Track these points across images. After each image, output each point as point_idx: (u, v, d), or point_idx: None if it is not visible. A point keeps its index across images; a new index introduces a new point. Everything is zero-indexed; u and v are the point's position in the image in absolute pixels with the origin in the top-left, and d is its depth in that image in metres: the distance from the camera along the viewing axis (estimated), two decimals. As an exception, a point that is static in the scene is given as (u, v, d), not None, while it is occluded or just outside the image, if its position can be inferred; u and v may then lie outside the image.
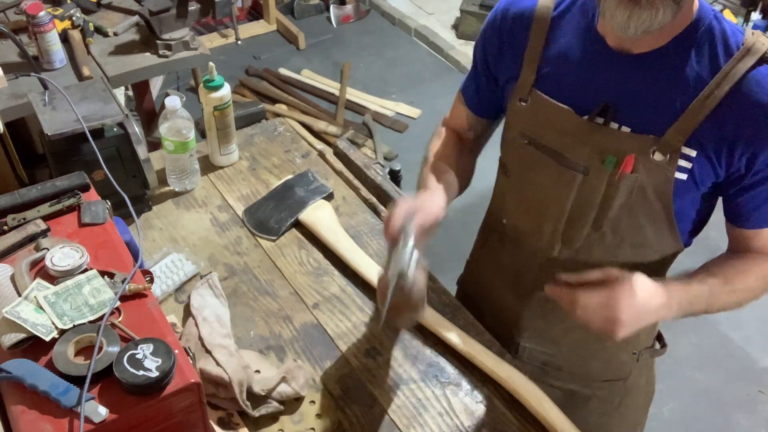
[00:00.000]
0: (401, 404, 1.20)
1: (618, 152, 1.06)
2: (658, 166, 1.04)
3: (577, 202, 1.13)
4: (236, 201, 1.57)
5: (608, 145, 1.07)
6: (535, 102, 1.13)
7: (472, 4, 4.27)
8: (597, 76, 1.07)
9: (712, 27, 1.01)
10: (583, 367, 1.35)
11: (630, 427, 1.48)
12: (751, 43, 0.99)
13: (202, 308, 1.28)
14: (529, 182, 1.20)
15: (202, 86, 1.54)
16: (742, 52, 0.99)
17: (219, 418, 1.14)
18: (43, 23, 1.99)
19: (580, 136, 1.09)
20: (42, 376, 0.82)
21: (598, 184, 1.10)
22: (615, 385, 1.36)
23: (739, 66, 0.98)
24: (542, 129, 1.14)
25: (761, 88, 0.98)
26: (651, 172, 1.05)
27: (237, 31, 4.19)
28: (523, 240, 1.26)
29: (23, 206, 1.04)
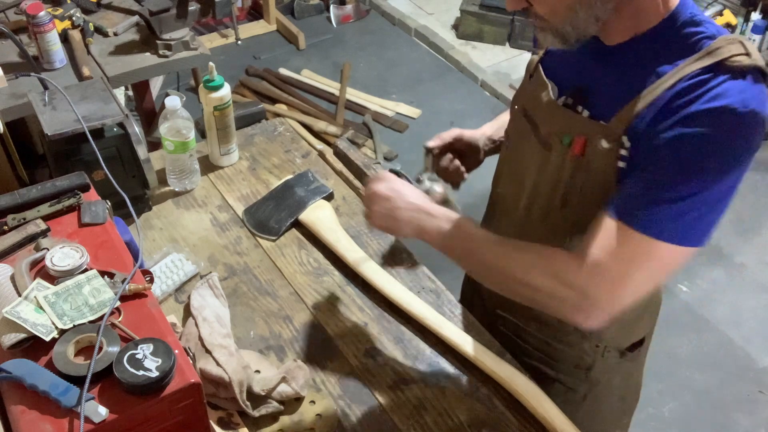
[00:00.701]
0: (401, 404, 1.21)
1: (572, 133, 1.09)
2: (604, 154, 1.05)
3: (540, 176, 1.18)
4: (236, 201, 1.57)
5: (567, 126, 1.11)
6: (536, 77, 1.18)
7: (472, 4, 4.27)
8: (582, 60, 1.11)
9: (683, 26, 1.00)
10: (547, 346, 1.35)
11: (604, 426, 1.46)
12: (715, 47, 0.97)
13: (202, 308, 1.28)
14: (517, 152, 1.26)
15: (202, 86, 1.54)
16: (701, 54, 0.97)
17: (219, 418, 1.14)
18: (43, 23, 1.99)
19: (548, 113, 1.14)
20: (42, 376, 0.82)
21: (556, 161, 1.13)
22: (578, 374, 1.35)
23: (692, 65, 0.97)
24: (532, 102, 1.19)
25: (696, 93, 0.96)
26: (598, 158, 1.07)
27: (237, 31, 4.19)
28: (506, 208, 1.31)
29: (23, 206, 1.04)
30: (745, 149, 0.96)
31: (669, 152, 0.97)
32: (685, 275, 2.95)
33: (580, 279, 1.01)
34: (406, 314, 1.32)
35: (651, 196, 0.98)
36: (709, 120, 0.94)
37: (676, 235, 0.98)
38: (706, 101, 0.95)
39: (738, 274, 2.99)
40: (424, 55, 4.29)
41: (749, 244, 3.10)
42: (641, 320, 1.33)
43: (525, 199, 1.23)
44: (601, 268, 1.00)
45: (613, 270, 1.00)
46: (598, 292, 1.01)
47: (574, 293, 1.02)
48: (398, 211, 1.16)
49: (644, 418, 2.46)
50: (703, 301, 2.86)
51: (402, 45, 4.38)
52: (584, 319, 1.03)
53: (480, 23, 4.26)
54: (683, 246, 0.99)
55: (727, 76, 0.95)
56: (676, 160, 0.97)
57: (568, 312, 1.05)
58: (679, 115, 0.96)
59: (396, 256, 1.46)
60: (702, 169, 0.96)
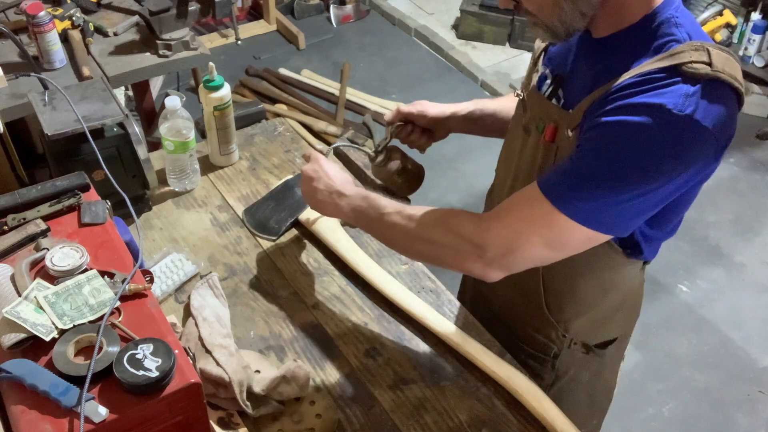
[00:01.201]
0: (401, 404, 1.21)
1: (546, 120, 1.12)
2: (570, 142, 1.07)
3: (520, 161, 1.21)
4: (236, 201, 1.57)
5: (541, 113, 1.14)
6: (536, 63, 1.21)
7: (472, 4, 4.27)
8: (567, 51, 1.13)
9: (659, 27, 1.00)
10: (515, 328, 1.36)
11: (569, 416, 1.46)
12: (677, 51, 0.96)
13: (202, 308, 1.28)
14: (510, 136, 1.29)
15: (202, 86, 1.54)
16: (664, 55, 0.97)
17: (219, 418, 1.14)
18: (43, 23, 1.99)
19: (531, 100, 1.17)
20: (42, 376, 0.82)
21: (532, 146, 1.17)
22: (545, 362, 1.36)
23: (651, 64, 0.97)
24: (526, 87, 1.21)
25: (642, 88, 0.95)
26: (564, 145, 1.09)
27: (237, 31, 4.19)
28: (497, 189, 1.35)
29: (23, 206, 1.04)
30: (672, 156, 0.95)
31: (594, 135, 0.99)
32: (685, 275, 2.95)
33: (475, 231, 1.07)
34: (406, 314, 1.32)
35: (567, 171, 1.01)
36: (640, 112, 0.94)
37: (577, 213, 1.00)
38: (645, 96, 0.95)
39: (738, 274, 2.99)
40: (424, 55, 4.29)
41: (749, 244, 3.10)
42: (613, 319, 1.33)
43: (510, 181, 1.26)
44: (496, 222, 1.07)
45: (508, 225, 1.06)
46: (491, 243, 1.06)
47: (469, 244, 1.08)
48: (318, 192, 1.26)
49: (644, 418, 2.46)
50: (703, 301, 2.86)
51: (402, 45, 4.38)
52: (479, 270, 1.09)
53: (480, 23, 4.26)
54: (582, 226, 1.01)
55: (679, 79, 0.94)
56: (596, 144, 0.99)
57: (465, 263, 1.10)
58: (615, 103, 0.97)
59: (394, 257, 1.46)
60: (617, 159, 0.96)
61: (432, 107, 1.42)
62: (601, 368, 1.40)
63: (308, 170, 1.30)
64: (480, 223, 1.08)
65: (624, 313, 1.35)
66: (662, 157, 0.95)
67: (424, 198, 3.08)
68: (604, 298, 1.27)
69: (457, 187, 3.16)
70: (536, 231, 1.04)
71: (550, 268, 1.19)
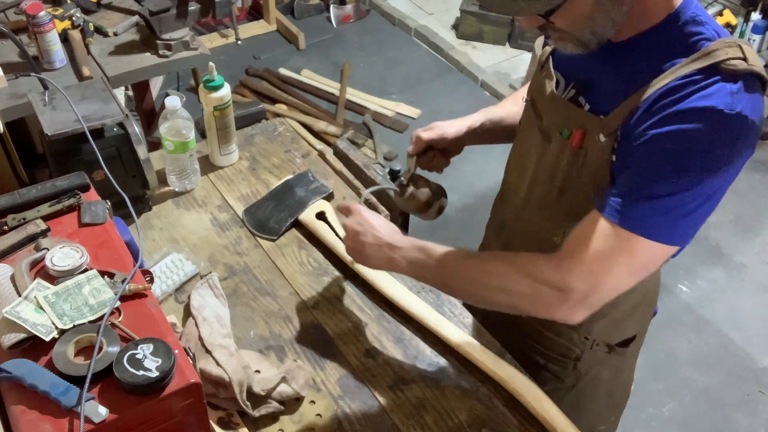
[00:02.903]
0: (401, 404, 1.20)
1: (571, 126, 1.10)
2: (601, 147, 1.06)
3: (539, 166, 1.19)
4: (236, 201, 1.57)
5: (566, 118, 1.12)
6: (546, 70, 1.20)
7: (472, 4, 4.27)
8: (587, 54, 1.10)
9: (685, 26, 1.00)
10: (533, 334, 1.36)
11: (590, 421, 1.46)
12: (712, 49, 0.97)
13: (202, 308, 1.28)
14: (523, 141, 1.27)
15: (202, 86, 1.54)
16: (698, 55, 0.97)
17: (219, 418, 1.14)
18: (43, 23, 1.99)
19: (551, 105, 1.15)
20: (42, 376, 0.82)
21: (554, 152, 1.15)
22: (566, 365, 1.36)
23: (688, 66, 0.97)
24: (539, 93, 1.20)
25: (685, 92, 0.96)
26: (595, 152, 1.08)
27: (237, 31, 4.19)
28: (508, 195, 1.34)
29: (23, 206, 1.04)
30: (730, 153, 0.96)
31: (650, 148, 0.98)
32: (685, 275, 2.95)
33: (556, 274, 1.03)
34: (406, 314, 1.32)
35: (632, 192, 0.99)
36: (693, 118, 0.94)
37: (655, 231, 0.99)
38: (693, 100, 0.95)
39: (738, 274, 2.99)
40: (424, 55, 4.29)
41: (749, 244, 3.10)
42: (632, 317, 1.33)
43: (525, 188, 1.25)
44: (576, 261, 1.02)
45: (589, 263, 1.01)
46: (575, 284, 1.01)
47: (551, 289, 1.03)
48: (367, 246, 1.19)
49: (644, 418, 2.46)
50: (703, 301, 2.86)
51: (402, 45, 4.38)
52: (564, 314, 1.04)
53: (480, 23, 4.26)
54: (662, 243, 1.00)
55: (719, 78, 0.95)
56: (656, 157, 0.97)
57: (548, 309, 1.06)
58: (663, 112, 0.97)
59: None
60: (682, 168, 0.96)
61: (449, 128, 1.37)
62: (620, 366, 1.41)
63: (352, 224, 1.21)
64: (558, 266, 1.03)
65: (642, 310, 1.35)
66: (723, 156, 0.96)
67: (424, 198, 3.06)
68: (627, 297, 1.27)
69: (458, 187, 3.16)
70: (618, 261, 1.01)
71: None
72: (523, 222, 1.29)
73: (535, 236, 1.25)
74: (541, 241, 1.24)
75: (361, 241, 1.19)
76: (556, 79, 1.16)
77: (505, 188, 1.37)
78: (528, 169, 1.24)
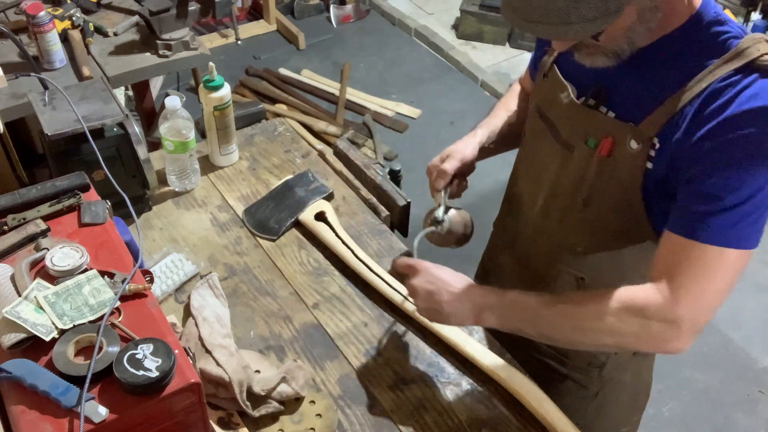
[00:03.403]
0: (401, 404, 1.20)
1: (598, 134, 1.09)
2: (633, 155, 1.06)
3: (560, 177, 1.18)
4: (236, 201, 1.57)
5: (591, 127, 1.10)
6: (552, 78, 1.18)
7: (472, 4, 4.27)
8: None
9: (709, 26, 1.00)
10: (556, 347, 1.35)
11: (611, 423, 1.47)
12: (743, 47, 0.97)
13: (202, 308, 1.28)
14: (534, 152, 1.26)
15: (202, 86, 1.54)
16: (730, 55, 0.97)
17: (219, 418, 1.14)
18: (43, 23, 1.99)
19: (571, 114, 1.14)
20: (42, 376, 0.82)
21: (579, 162, 1.13)
22: (590, 372, 1.35)
23: (722, 68, 0.97)
24: (550, 103, 1.18)
25: (729, 95, 0.96)
26: (625, 159, 1.07)
27: (237, 31, 4.19)
28: (522, 208, 1.32)
29: (23, 206, 1.04)
30: None
31: (716, 160, 0.97)
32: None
33: (663, 308, 1.01)
34: (406, 314, 1.32)
35: (708, 206, 0.98)
36: (750, 121, 0.94)
37: (741, 239, 0.99)
38: (742, 103, 0.95)
39: (738, 274, 2.99)
40: (424, 55, 4.29)
41: (749, 244, 3.10)
42: None
43: (542, 199, 1.23)
44: (682, 291, 1.00)
45: (692, 289, 1.00)
46: (685, 314, 1.01)
47: (664, 324, 1.02)
48: (445, 305, 1.13)
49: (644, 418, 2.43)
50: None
51: (402, 45, 4.38)
52: (675, 345, 1.03)
53: (480, 23, 4.26)
54: (746, 249, 1.00)
55: (757, 75, 0.95)
56: (725, 167, 0.97)
57: (660, 344, 1.05)
58: (717, 120, 0.96)
59: (394, 257, 1.46)
60: (753, 172, 0.96)
61: (465, 150, 1.31)
62: (641, 367, 1.41)
63: (422, 285, 1.13)
64: (663, 299, 1.01)
65: None
66: None
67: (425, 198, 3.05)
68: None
69: (457, 187, 3.16)
70: (717, 279, 1.01)
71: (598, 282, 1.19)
72: (541, 235, 1.26)
73: (557, 248, 1.24)
74: (562, 252, 1.23)
75: (437, 300, 1.12)
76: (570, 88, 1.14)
77: (514, 201, 1.34)
78: (543, 181, 1.22)
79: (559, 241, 1.23)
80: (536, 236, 1.29)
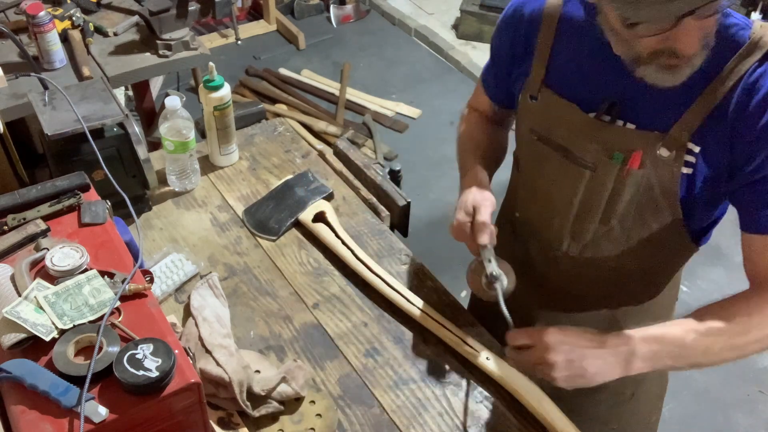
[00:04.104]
0: (401, 404, 1.21)
1: (625, 149, 1.07)
2: (665, 162, 1.05)
3: (585, 197, 1.15)
4: (236, 201, 1.57)
5: (615, 142, 1.08)
6: (545, 99, 1.15)
7: (472, 4, 4.27)
8: (604, 74, 1.08)
9: (718, 23, 0.99)
10: None
11: (643, 417, 1.48)
12: (758, 38, 0.98)
13: (202, 308, 1.28)
14: (539, 177, 1.22)
15: (202, 86, 1.54)
16: (748, 48, 0.98)
17: (219, 418, 1.14)
18: (43, 23, 1.99)
19: (587, 133, 1.11)
20: (42, 376, 0.82)
21: (605, 180, 1.11)
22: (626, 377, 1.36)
23: (744, 62, 0.98)
24: (551, 125, 1.16)
25: (763, 85, 0.97)
26: (657, 168, 1.06)
27: (237, 31, 4.19)
28: (534, 234, 1.29)
29: (23, 206, 1.04)
30: None
31: None
32: (685, 275, 2.92)
33: None
34: (406, 314, 1.32)
35: None
36: None
37: None
38: None
39: (738, 274, 2.96)
40: (424, 55, 4.29)
41: (749, 244, 3.10)
42: (672, 309, 1.36)
43: (558, 220, 1.21)
44: None
45: None
46: None
47: None
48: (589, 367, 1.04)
49: (644, 418, 2.46)
50: (703, 302, 2.83)
51: (402, 45, 4.38)
52: None
53: (480, 23, 4.26)
54: None
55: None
56: None
57: None
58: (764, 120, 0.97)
59: (394, 257, 1.46)
60: None
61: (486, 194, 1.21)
62: None
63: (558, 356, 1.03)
64: None
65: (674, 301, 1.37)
66: None
67: (425, 198, 3.09)
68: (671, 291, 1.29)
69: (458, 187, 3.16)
70: None
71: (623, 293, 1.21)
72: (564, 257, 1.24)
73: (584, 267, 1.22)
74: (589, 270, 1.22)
75: (579, 366, 1.03)
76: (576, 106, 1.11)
77: (523, 227, 1.29)
78: (558, 204, 1.19)
79: (585, 261, 1.22)
80: (557, 262, 1.26)
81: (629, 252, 1.18)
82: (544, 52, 1.15)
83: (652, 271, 1.24)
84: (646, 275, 1.25)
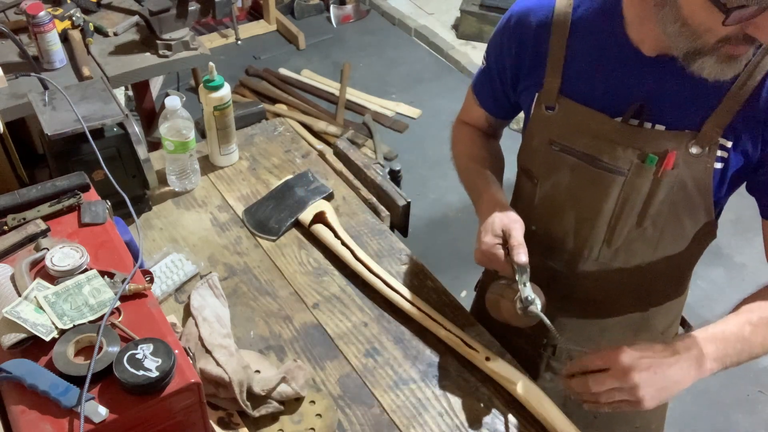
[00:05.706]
0: (401, 404, 1.21)
1: (658, 150, 1.07)
2: (697, 159, 1.05)
3: (620, 202, 1.14)
4: (236, 201, 1.57)
5: (647, 145, 1.08)
6: (565, 109, 1.13)
7: (472, 4, 4.27)
8: (627, 78, 1.07)
9: None
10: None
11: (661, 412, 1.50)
12: None
13: (202, 308, 1.28)
14: (561, 188, 1.20)
15: (202, 86, 1.54)
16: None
17: (219, 418, 1.14)
18: (43, 23, 1.99)
19: (617, 139, 1.09)
20: (42, 376, 0.82)
21: (640, 183, 1.11)
22: None
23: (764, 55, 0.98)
24: (574, 135, 1.14)
25: None
26: (690, 166, 1.06)
27: (237, 31, 4.19)
28: (557, 245, 1.26)
29: (23, 206, 1.04)
30: None
31: None
32: (685, 275, 2.95)
33: None
34: (406, 314, 1.32)
35: None
36: None
37: None
38: None
39: (738, 274, 2.99)
40: (424, 55, 4.29)
41: (749, 244, 3.10)
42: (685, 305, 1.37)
43: (588, 231, 1.20)
44: None
45: None
46: None
47: None
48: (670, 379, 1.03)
49: (644, 418, 2.46)
50: (703, 301, 2.86)
51: (402, 45, 4.38)
52: None
53: (480, 23, 4.26)
54: None
55: None
56: None
57: None
58: None
59: (394, 257, 1.46)
60: None
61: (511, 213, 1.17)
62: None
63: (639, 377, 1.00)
64: None
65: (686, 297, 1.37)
66: None
67: (425, 198, 3.09)
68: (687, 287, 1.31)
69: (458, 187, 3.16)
70: None
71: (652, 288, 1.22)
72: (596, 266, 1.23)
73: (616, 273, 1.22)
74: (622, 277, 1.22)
75: (662, 377, 1.02)
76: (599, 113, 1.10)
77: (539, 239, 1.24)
78: (589, 213, 1.17)
79: (616, 266, 1.21)
80: (585, 270, 1.25)
81: (660, 249, 1.18)
82: (558, 60, 1.12)
83: (680, 267, 1.24)
84: (675, 272, 1.25)
